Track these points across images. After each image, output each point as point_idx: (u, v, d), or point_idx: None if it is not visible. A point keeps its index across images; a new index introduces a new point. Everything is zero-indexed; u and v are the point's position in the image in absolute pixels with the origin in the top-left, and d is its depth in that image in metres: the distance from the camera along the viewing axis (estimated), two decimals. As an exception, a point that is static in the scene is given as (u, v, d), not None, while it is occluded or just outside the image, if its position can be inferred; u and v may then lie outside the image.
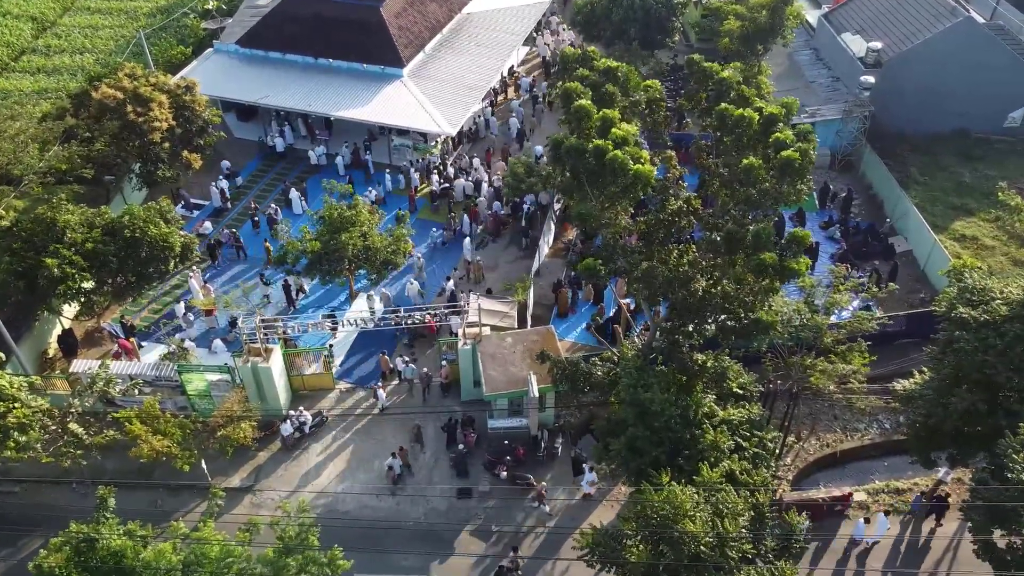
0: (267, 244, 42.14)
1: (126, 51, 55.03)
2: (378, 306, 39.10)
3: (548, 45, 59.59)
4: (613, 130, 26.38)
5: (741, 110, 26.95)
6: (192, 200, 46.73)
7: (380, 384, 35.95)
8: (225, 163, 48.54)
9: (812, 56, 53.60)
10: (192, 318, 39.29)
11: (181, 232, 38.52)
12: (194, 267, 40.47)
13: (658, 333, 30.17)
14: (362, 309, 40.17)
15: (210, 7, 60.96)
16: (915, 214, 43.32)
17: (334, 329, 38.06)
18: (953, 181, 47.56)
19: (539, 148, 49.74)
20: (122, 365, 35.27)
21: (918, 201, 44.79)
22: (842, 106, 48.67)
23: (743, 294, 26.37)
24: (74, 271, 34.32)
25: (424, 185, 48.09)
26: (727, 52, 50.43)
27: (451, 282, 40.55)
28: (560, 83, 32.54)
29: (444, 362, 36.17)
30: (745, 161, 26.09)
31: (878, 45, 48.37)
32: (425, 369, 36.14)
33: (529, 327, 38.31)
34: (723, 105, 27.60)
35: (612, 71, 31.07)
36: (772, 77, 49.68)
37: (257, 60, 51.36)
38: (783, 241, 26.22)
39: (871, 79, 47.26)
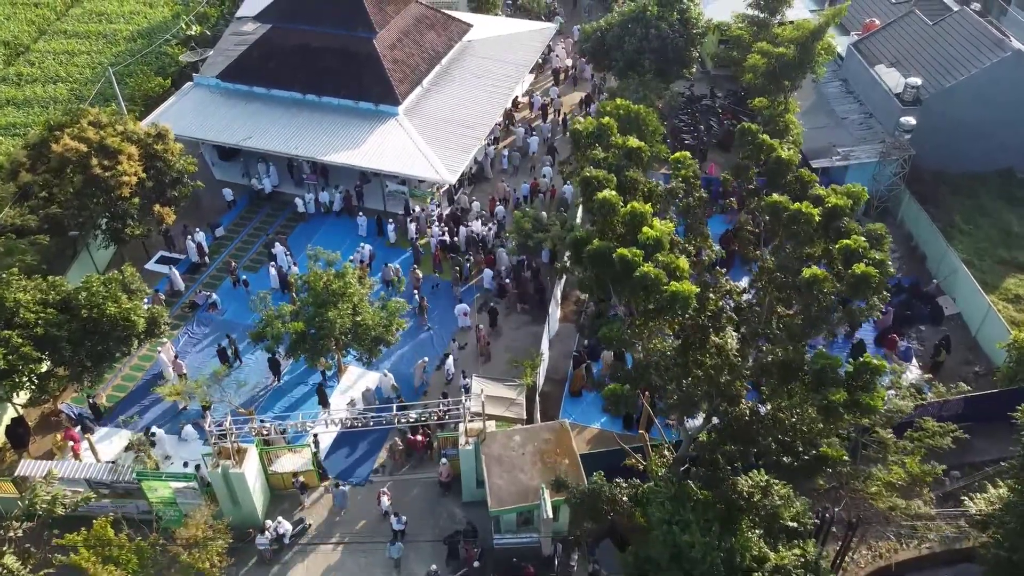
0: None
1: (96, 88, 49.68)
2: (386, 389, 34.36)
3: (559, 56, 55.22)
4: (644, 229, 21.28)
5: (798, 203, 21.82)
6: (168, 254, 41.72)
7: (386, 492, 30.85)
8: (227, 191, 44.52)
9: (841, 88, 48.43)
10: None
11: (147, 304, 33.65)
12: (164, 339, 35.43)
13: (691, 445, 25.28)
14: (358, 388, 35.27)
15: (192, 32, 55.71)
16: (964, 272, 38.31)
17: (328, 415, 32.88)
18: (999, 229, 42.56)
19: (547, 169, 46.21)
20: (73, 466, 30.29)
21: (965, 256, 39.80)
22: (878, 147, 43.58)
23: (801, 423, 21.39)
24: (21, 363, 29.36)
25: (422, 237, 43.05)
26: (751, 87, 45.37)
27: (451, 359, 35.51)
28: (576, 163, 27.48)
29: (444, 459, 31.20)
30: (807, 272, 21.07)
31: (917, 81, 43.19)
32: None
33: (538, 407, 33.44)
34: (775, 197, 22.52)
35: (634, 152, 25.82)
36: (799, 113, 44.62)
37: (240, 95, 46.20)
38: (849, 363, 21.13)
39: (912, 120, 42.15)
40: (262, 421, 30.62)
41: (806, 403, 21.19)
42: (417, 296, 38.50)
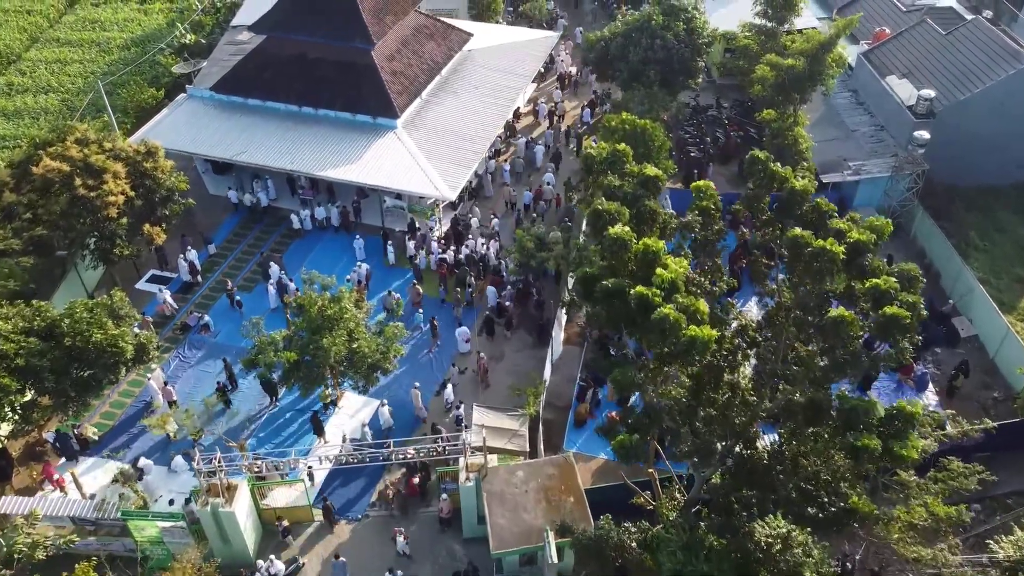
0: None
1: (87, 100, 48.15)
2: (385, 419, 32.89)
3: (564, 61, 53.99)
4: (659, 271, 19.79)
5: (821, 240, 20.32)
6: (160, 273, 40.28)
7: (402, 531, 29.30)
8: (232, 193, 43.44)
9: (851, 99, 46.90)
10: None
11: (137, 329, 32.29)
12: (153, 365, 34.00)
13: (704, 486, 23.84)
14: (355, 416, 33.87)
15: (187, 41, 54.21)
16: (981, 293, 36.86)
17: (321, 451, 31.53)
18: (1016, 246, 41.12)
19: (550, 176, 44.98)
20: (57, 502, 28.87)
21: (981, 274, 38.38)
22: (890, 161, 42.11)
23: (826, 471, 19.94)
24: (0, 395, 27.97)
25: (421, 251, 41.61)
26: (758, 99, 43.91)
27: (450, 388, 34.05)
28: (586, 190, 25.94)
29: (444, 494, 29.75)
30: (833, 314, 19.62)
31: (931, 93, 41.70)
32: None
33: (541, 437, 32.01)
34: (797, 231, 21.02)
35: (651, 181, 24.28)
36: (808, 126, 43.12)
37: (234, 108, 44.71)
38: (881, 412, 19.58)
39: (926, 135, 40.67)
40: (254, 457, 29.13)
41: (832, 447, 19.73)
42: (420, 312, 37.16)
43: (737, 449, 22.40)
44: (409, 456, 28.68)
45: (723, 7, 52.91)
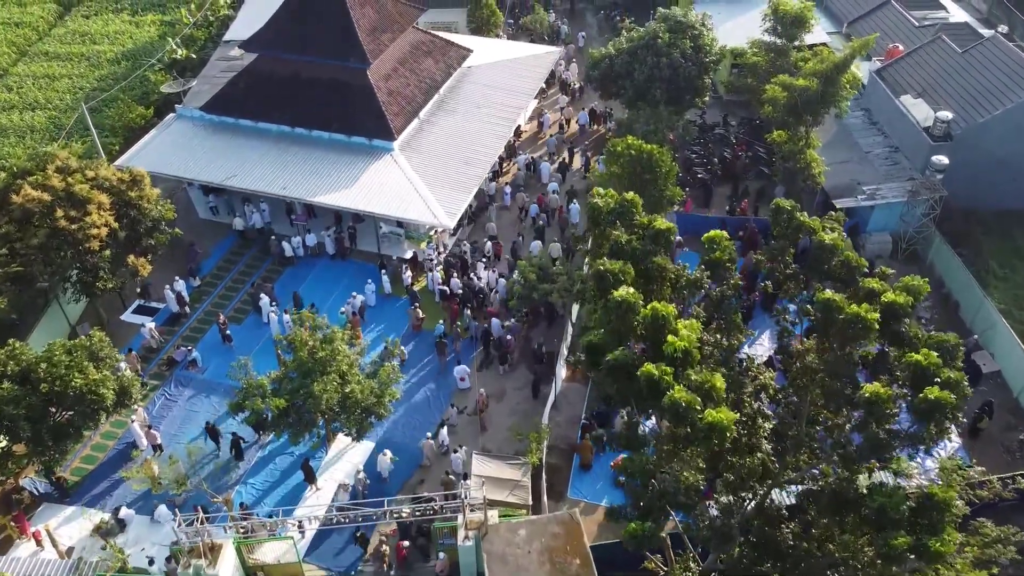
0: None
1: (72, 121, 46.13)
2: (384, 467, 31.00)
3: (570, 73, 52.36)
4: (670, 339, 17.88)
5: (855, 306, 18.37)
6: (146, 304, 38.39)
7: None
8: (237, 220, 41.53)
9: (864, 119, 44.94)
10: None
11: (123, 366, 30.51)
12: (137, 406, 32.09)
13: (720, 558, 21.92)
14: (347, 459, 32.00)
15: (178, 56, 52.23)
16: (1004, 328, 34.96)
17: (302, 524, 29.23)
18: (1039, 274, 39.21)
19: (554, 185, 43.93)
20: (28, 564, 26.95)
21: (1002, 305, 36.47)
22: (906, 185, 40.18)
23: (855, 560, 18.04)
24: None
25: (419, 278, 39.73)
26: (769, 120, 41.99)
27: (445, 430, 32.15)
28: (593, 242, 23.96)
29: (441, 553, 27.83)
30: (867, 390, 17.72)
31: (948, 115, 39.79)
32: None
33: (544, 484, 30.14)
34: (828, 294, 19.08)
35: (662, 235, 22.30)
36: (820, 148, 41.23)
37: (225, 129, 42.79)
38: (908, 500, 17.61)
39: (944, 160, 38.75)
40: (241, 515, 27.23)
41: (860, 537, 17.88)
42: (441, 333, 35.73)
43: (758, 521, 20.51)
44: (404, 516, 26.75)
45: (729, 20, 51.04)
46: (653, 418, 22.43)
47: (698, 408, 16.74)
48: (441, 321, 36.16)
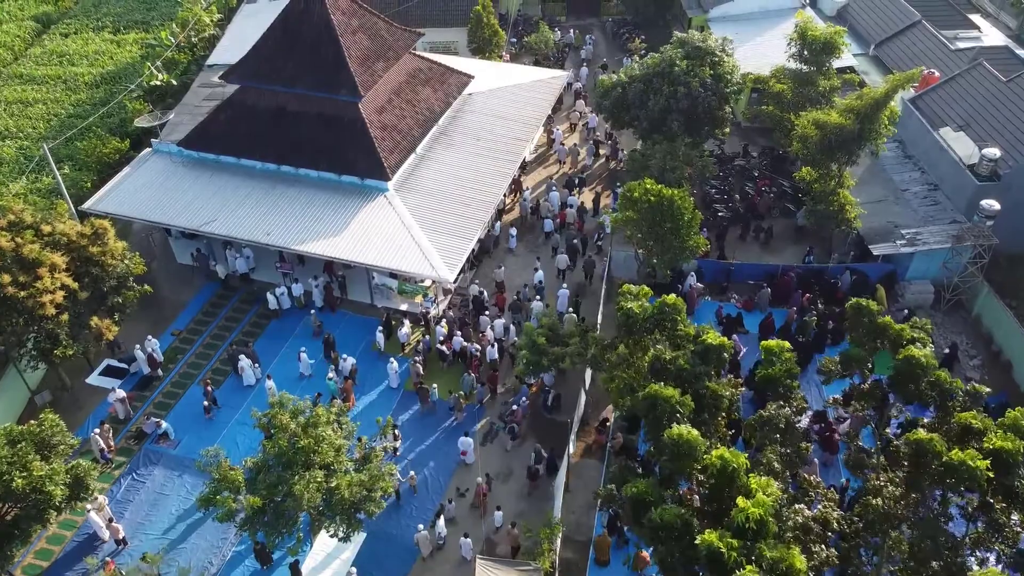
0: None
1: (33, 163, 41.83)
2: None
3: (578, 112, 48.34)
4: (740, 503, 13.80)
5: (957, 450, 14.35)
6: (116, 363, 34.32)
7: None
8: (240, 262, 37.86)
9: (898, 152, 40.81)
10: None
11: (98, 435, 26.64)
12: (96, 496, 27.97)
13: None
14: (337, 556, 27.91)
15: (159, 82, 48.02)
16: (1064, 393, 30.95)
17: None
18: (1094, 327, 35.06)
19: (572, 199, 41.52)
20: None
21: (1060, 367, 32.46)
22: (949, 229, 36.10)
23: None
24: None
25: (416, 334, 35.66)
26: (798, 157, 37.90)
27: (443, 520, 28.06)
28: (627, 354, 19.77)
29: None
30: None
31: (996, 153, 35.70)
32: None
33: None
34: (920, 434, 15.03)
35: (714, 351, 18.16)
36: (853, 188, 37.20)
37: (205, 165, 38.65)
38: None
39: (996, 205, 34.65)
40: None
41: None
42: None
43: None
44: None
45: (747, 42, 46.96)
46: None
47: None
48: (435, 385, 32.22)
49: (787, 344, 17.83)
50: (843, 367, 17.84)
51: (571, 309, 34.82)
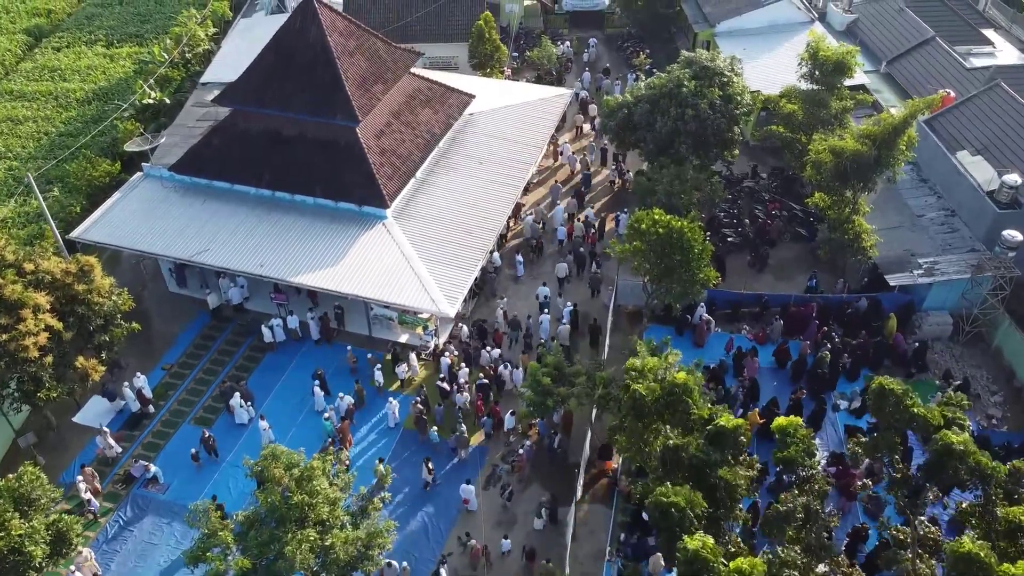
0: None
1: (20, 188, 40.25)
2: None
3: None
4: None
5: (1008, 565, 12.88)
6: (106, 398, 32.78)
7: None
8: (234, 292, 36.14)
9: (913, 175, 39.25)
10: None
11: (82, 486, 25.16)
12: (80, 550, 26.50)
13: None
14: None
15: (151, 100, 46.48)
16: (1093, 437, 29.47)
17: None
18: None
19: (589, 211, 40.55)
20: None
21: (1085, 405, 30.98)
22: (968, 257, 34.61)
23: None
24: None
25: (422, 367, 34.18)
26: (811, 183, 36.41)
27: (444, 570, 26.55)
28: (635, 441, 18.17)
29: None
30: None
31: (1017, 180, 34.22)
32: None
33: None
34: (966, 543, 13.56)
35: (728, 434, 16.64)
36: (868, 214, 35.71)
37: (197, 191, 37.15)
38: None
39: (1018, 236, 33.16)
40: None
41: None
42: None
43: None
44: None
45: (755, 59, 45.43)
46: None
47: None
48: (435, 429, 30.79)
49: (799, 421, 16.33)
50: (867, 452, 16.32)
51: (554, 337, 33.51)
